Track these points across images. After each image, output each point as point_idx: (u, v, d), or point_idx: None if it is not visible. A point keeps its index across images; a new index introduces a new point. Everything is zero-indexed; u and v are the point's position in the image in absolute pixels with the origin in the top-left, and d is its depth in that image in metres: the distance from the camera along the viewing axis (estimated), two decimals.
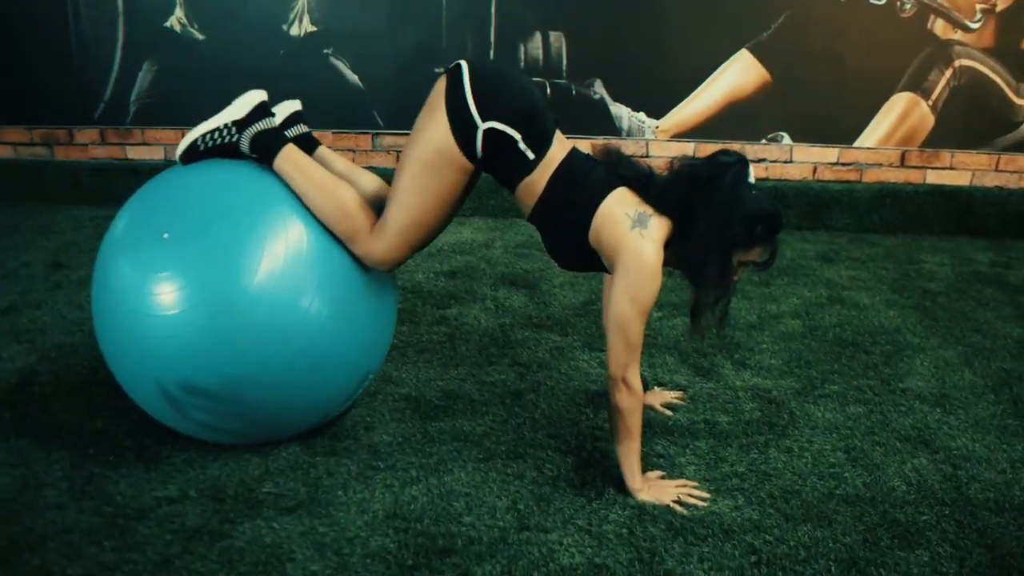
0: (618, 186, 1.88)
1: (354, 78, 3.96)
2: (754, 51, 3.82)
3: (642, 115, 3.93)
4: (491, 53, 3.88)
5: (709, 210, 1.77)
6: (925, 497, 1.92)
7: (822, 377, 2.49)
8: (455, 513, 1.82)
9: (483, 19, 3.85)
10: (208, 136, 1.96)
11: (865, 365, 2.57)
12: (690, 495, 1.89)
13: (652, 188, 1.87)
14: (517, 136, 1.83)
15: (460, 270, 3.32)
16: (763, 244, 1.81)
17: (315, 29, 3.89)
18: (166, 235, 1.81)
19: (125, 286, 1.82)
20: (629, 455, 1.88)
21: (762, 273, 2.77)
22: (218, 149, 1.96)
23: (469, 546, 1.72)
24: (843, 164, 3.96)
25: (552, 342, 2.68)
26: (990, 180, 3.97)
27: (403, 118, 4.00)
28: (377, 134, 4.03)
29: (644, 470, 1.93)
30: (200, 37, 3.93)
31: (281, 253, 1.82)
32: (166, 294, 1.77)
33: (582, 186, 1.87)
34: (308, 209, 1.90)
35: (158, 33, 3.92)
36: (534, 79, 3.91)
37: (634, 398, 1.84)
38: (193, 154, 1.98)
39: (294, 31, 3.90)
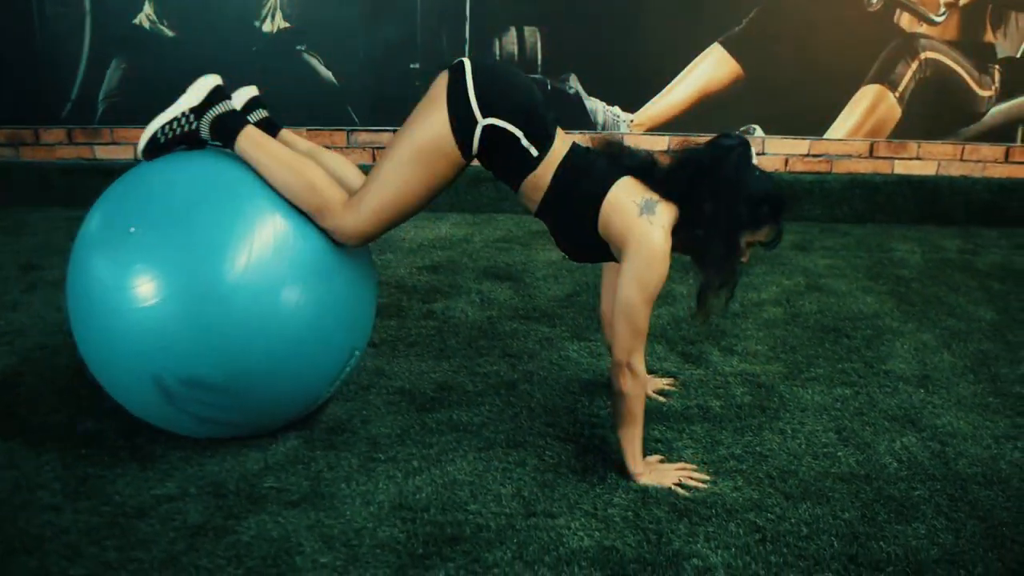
0: (622, 176, 1.90)
1: (328, 74, 3.93)
2: (726, 45, 3.89)
3: (617, 109, 3.97)
4: (466, 49, 3.89)
5: (715, 193, 1.80)
6: (916, 473, 1.98)
7: (807, 361, 2.54)
8: (460, 501, 1.83)
9: (458, 15, 3.86)
10: (167, 127, 1.94)
11: (847, 349, 2.64)
12: (691, 477, 1.92)
13: (656, 175, 1.89)
14: (519, 133, 1.85)
15: (442, 265, 3.32)
16: (769, 224, 1.84)
17: (288, 25, 3.86)
18: (132, 229, 1.79)
19: (102, 284, 1.80)
20: (632, 439, 1.90)
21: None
22: (179, 139, 1.94)
23: (478, 533, 1.72)
24: (814, 156, 4.04)
25: (540, 333, 2.70)
26: (955, 170, 4.08)
27: (378, 114, 3.99)
28: (352, 131, 4.01)
29: (643, 455, 1.96)
30: (170, 34, 3.87)
31: (257, 238, 1.81)
32: (144, 287, 1.75)
33: (587, 178, 1.89)
34: (274, 189, 1.88)
35: (127, 30, 3.86)
36: None
37: (638, 383, 1.86)
38: (154, 148, 1.95)
39: (266, 27, 3.86)
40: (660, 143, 4.00)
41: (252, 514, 1.77)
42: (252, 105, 2.14)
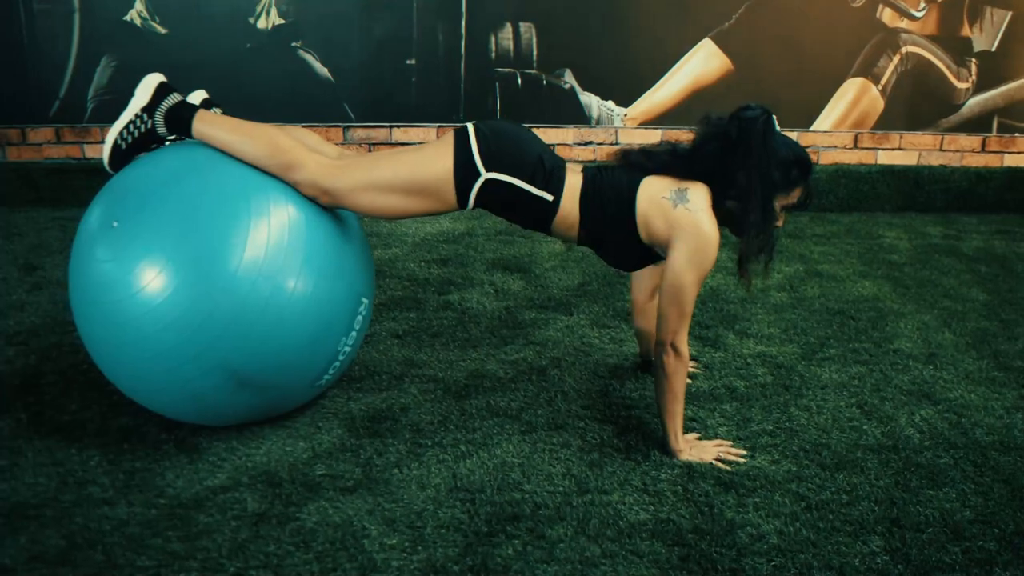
0: (642, 179, 1.96)
1: (324, 71, 3.93)
2: (717, 40, 3.99)
3: (611, 103, 4.04)
4: (462, 45, 3.92)
5: (747, 163, 1.87)
6: (939, 443, 2.08)
7: (820, 342, 2.64)
8: (514, 482, 1.87)
9: (454, 11, 3.89)
10: (124, 132, 1.97)
11: (855, 330, 2.74)
12: (729, 453, 2.00)
13: (682, 159, 1.96)
14: (523, 184, 1.93)
15: (450, 258, 3.36)
16: (800, 185, 1.92)
17: (283, 22, 3.85)
18: (115, 224, 1.81)
19: (100, 279, 1.82)
20: (674, 417, 1.96)
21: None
22: (138, 142, 1.98)
23: (537, 511, 1.77)
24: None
25: (560, 321, 2.76)
26: (935, 159, 4.25)
27: (374, 111, 4.01)
28: (348, 127, 4.02)
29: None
30: (162, 31, 3.83)
31: (243, 212, 1.84)
32: (142, 275, 1.77)
33: (611, 198, 1.96)
34: (241, 160, 1.92)
35: (117, 27, 3.81)
36: (505, 70, 3.97)
37: (681, 363, 1.93)
38: (118, 156, 1.99)
39: (261, 24, 3.85)
40: (653, 136, 4.09)
41: (310, 501, 1.80)
42: (206, 105, 2.15)
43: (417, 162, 1.94)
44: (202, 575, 1.59)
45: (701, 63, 4.00)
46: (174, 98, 1.98)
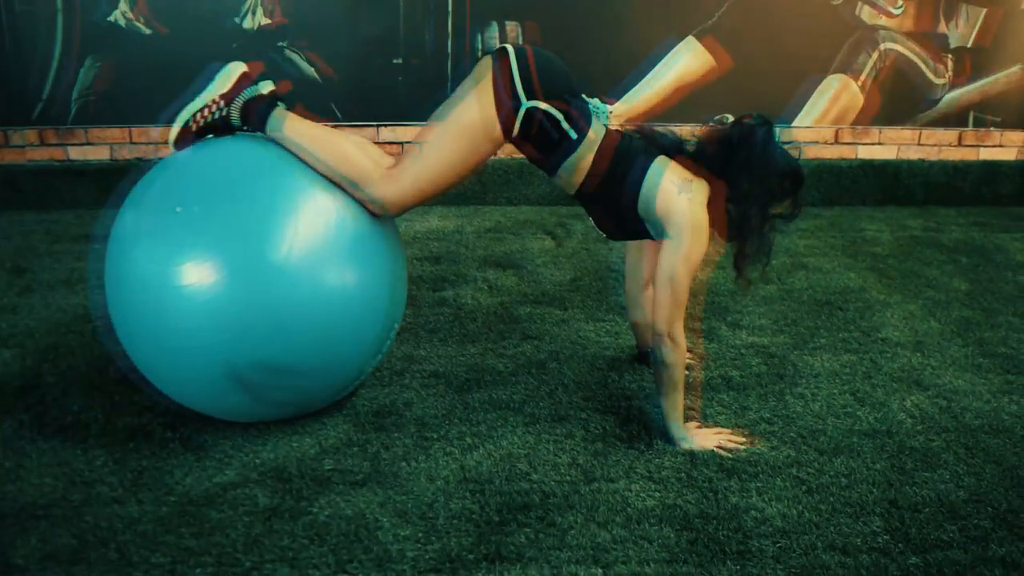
0: (657, 156, 2.00)
1: (311, 71, 3.94)
2: (700, 38, 4.04)
3: (596, 101, 4.06)
4: (449, 44, 3.95)
5: (748, 169, 1.92)
6: (931, 427, 2.14)
7: (810, 332, 2.70)
8: (522, 472, 1.90)
9: (440, 9, 3.91)
10: (198, 115, 1.98)
11: (843, 320, 2.80)
12: (730, 440, 2.04)
13: (687, 155, 2.00)
14: (560, 116, 1.93)
15: (442, 255, 3.38)
16: (791, 197, 1.98)
17: (269, 22, 3.85)
18: (179, 209, 1.82)
19: (148, 274, 1.81)
20: (675, 406, 2.01)
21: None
22: (210, 127, 1.99)
23: (546, 500, 1.80)
24: (784, 143, 4.22)
25: (555, 316, 2.79)
26: (913, 153, 4.34)
27: (362, 110, 4.02)
28: (336, 127, 4.01)
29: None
30: (147, 31, 3.81)
31: (304, 217, 1.85)
32: (197, 274, 1.77)
33: (627, 160, 1.99)
34: (310, 165, 1.93)
35: (101, 28, 3.78)
36: None
37: (679, 352, 1.97)
38: (186, 137, 1.99)
39: (247, 24, 3.85)
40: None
41: (321, 495, 1.82)
42: (272, 97, 2.16)
43: (459, 112, 1.92)
44: (218, 570, 1.60)
45: (685, 61, 4.06)
46: (254, 91, 1.99)
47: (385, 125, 4.05)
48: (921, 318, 2.84)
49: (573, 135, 1.96)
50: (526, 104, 1.90)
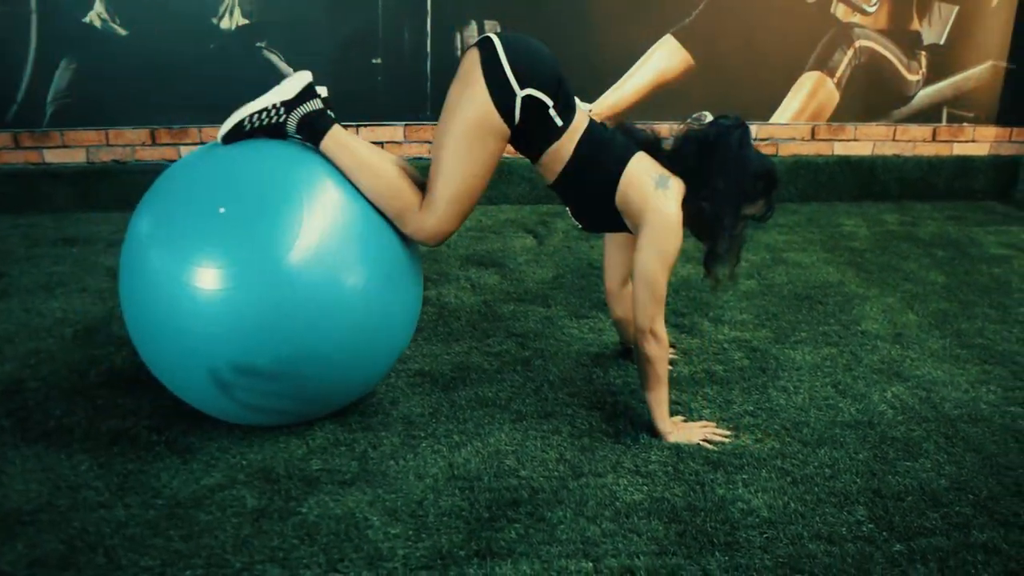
0: (636, 151, 2.02)
1: (289, 71, 3.92)
2: (678, 36, 4.07)
3: (575, 99, 4.09)
4: (428, 43, 3.95)
5: (723, 169, 1.95)
6: (911, 417, 2.17)
7: (791, 326, 2.73)
8: (510, 469, 1.91)
9: (419, 9, 3.91)
10: (256, 116, 1.94)
11: (823, 314, 2.84)
12: (715, 433, 2.06)
13: (663, 152, 2.03)
14: (549, 102, 1.93)
15: (424, 254, 3.38)
16: (765, 198, 2.01)
17: (247, 22, 3.83)
18: (222, 210, 1.79)
19: (164, 276, 1.80)
20: (660, 401, 2.02)
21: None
22: (263, 129, 1.96)
23: (535, 495, 1.81)
24: (761, 139, 4.28)
25: (538, 314, 2.80)
26: (889, 149, 4.40)
27: (341, 110, 3.98)
28: None
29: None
30: (123, 32, 3.78)
31: (321, 227, 1.84)
32: (210, 276, 1.76)
33: (607, 151, 2.00)
34: (358, 190, 1.93)
35: (76, 29, 3.75)
36: None
37: (662, 347, 1.99)
38: (237, 134, 1.96)
39: (224, 24, 3.83)
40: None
41: (310, 495, 1.82)
42: (326, 104, 2.14)
43: (456, 114, 1.91)
44: (208, 572, 1.59)
45: (663, 59, 4.09)
46: (315, 104, 1.95)
47: (364, 125, 4.04)
48: (899, 311, 2.88)
49: (559, 122, 1.97)
50: (521, 93, 1.90)
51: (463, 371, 2.38)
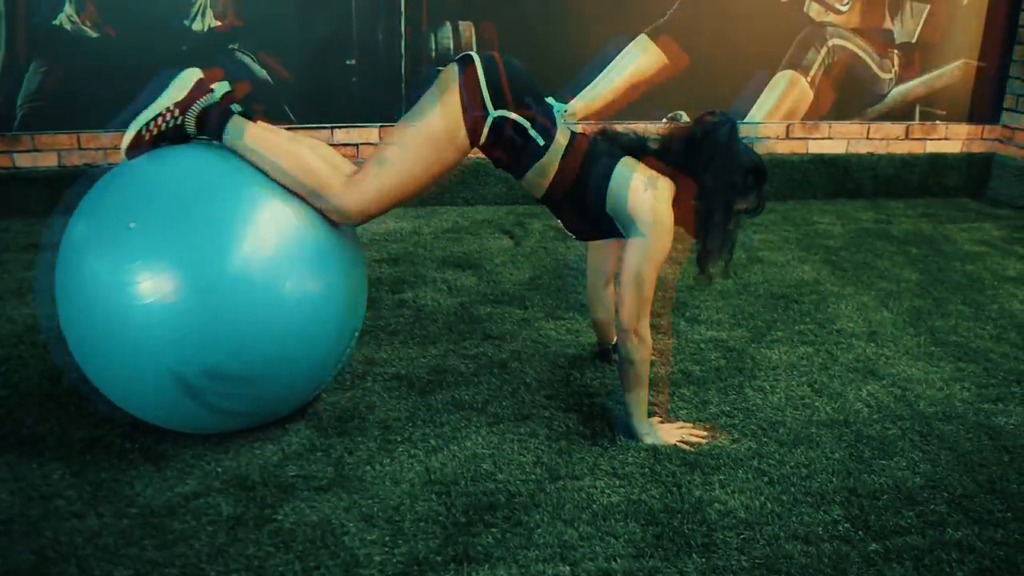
0: (622, 156, 2.02)
1: (263, 73, 3.88)
2: (653, 36, 4.08)
3: (551, 100, 4.08)
4: (402, 44, 3.93)
5: (712, 165, 1.95)
6: (887, 415, 2.19)
7: (767, 326, 2.74)
8: (487, 473, 1.91)
9: (393, 10, 3.89)
10: (152, 123, 1.93)
11: (799, 313, 2.86)
12: (692, 434, 2.07)
13: (651, 153, 2.02)
14: (527, 124, 1.93)
15: (400, 256, 3.36)
16: (754, 192, 2.01)
17: (219, 24, 3.79)
18: (133, 224, 1.78)
19: (102, 285, 1.78)
20: (639, 402, 2.03)
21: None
22: (164, 136, 1.93)
23: (512, 499, 1.81)
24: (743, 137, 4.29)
25: (515, 315, 2.80)
26: (862, 147, 4.43)
27: (315, 111, 3.98)
28: (289, 129, 3.97)
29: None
30: (93, 35, 3.73)
31: (259, 226, 1.83)
32: (149, 283, 1.74)
33: (592, 161, 2.00)
34: (268, 175, 1.90)
35: (46, 32, 3.69)
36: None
37: (645, 349, 1.99)
38: (139, 145, 1.94)
39: (196, 26, 3.78)
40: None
41: (285, 502, 1.80)
42: (228, 99, 2.12)
43: (425, 122, 1.90)
44: None
45: (638, 58, 4.09)
46: (210, 99, 1.93)
47: (339, 126, 4.01)
48: (874, 309, 2.91)
49: (540, 141, 1.97)
50: (494, 113, 1.91)
51: (440, 374, 2.37)
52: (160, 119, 1.92)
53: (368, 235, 3.64)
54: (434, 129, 1.91)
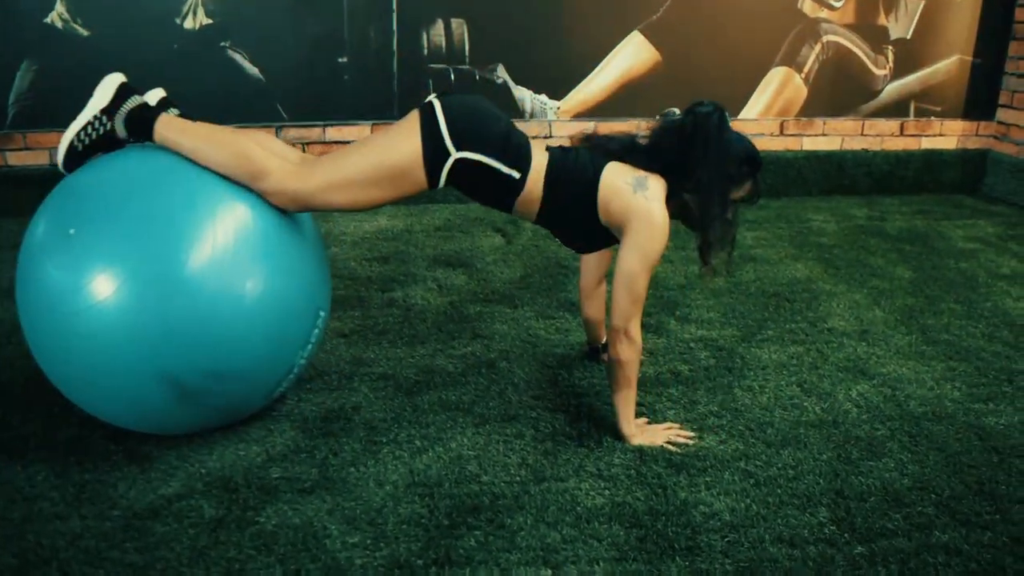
0: (607, 162, 2.00)
1: (254, 71, 3.87)
2: (645, 33, 4.06)
3: (544, 97, 4.08)
4: (394, 42, 3.91)
5: (704, 156, 1.93)
6: (876, 416, 2.18)
7: (758, 325, 2.73)
8: (472, 474, 1.90)
9: (385, 7, 3.87)
10: (82, 134, 1.92)
11: (791, 311, 2.84)
12: (679, 435, 2.05)
13: (641, 152, 2.00)
14: (495, 163, 1.92)
15: (391, 255, 3.35)
16: (750, 180, 1.99)
17: (211, 21, 3.78)
18: (72, 231, 1.78)
19: (54, 289, 1.77)
20: (627, 403, 2.01)
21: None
22: (96, 144, 1.93)
23: (496, 501, 1.80)
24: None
25: (505, 314, 2.78)
26: (857, 144, 4.42)
27: (307, 110, 3.96)
28: (281, 127, 3.96)
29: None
30: (84, 33, 3.71)
31: (210, 221, 1.82)
32: (101, 291, 1.74)
33: (576, 177, 1.98)
34: (206, 167, 1.88)
35: (38, 30, 3.68)
36: (437, 66, 3.98)
37: (635, 349, 1.97)
38: (74, 158, 1.94)
39: (188, 24, 3.77)
40: (587, 128, 4.14)
41: (268, 504, 1.79)
42: (163, 105, 2.10)
43: (384, 150, 1.90)
44: None
45: (631, 56, 4.08)
46: (135, 100, 1.92)
47: (331, 124, 4.00)
48: (866, 307, 2.89)
49: (515, 176, 1.96)
50: (455, 155, 1.90)
51: (427, 374, 2.36)
52: (89, 128, 1.92)
53: (359, 233, 3.63)
54: (392, 164, 1.90)
